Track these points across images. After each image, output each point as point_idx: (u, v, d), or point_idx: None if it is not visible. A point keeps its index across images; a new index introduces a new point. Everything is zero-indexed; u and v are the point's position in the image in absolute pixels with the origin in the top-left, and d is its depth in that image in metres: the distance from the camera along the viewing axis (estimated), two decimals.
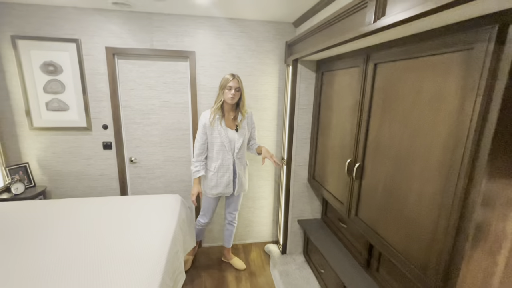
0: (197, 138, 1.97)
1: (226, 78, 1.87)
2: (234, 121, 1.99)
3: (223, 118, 1.95)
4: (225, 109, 1.96)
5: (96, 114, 2.24)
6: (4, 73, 2.04)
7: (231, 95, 1.86)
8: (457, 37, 0.88)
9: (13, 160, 2.19)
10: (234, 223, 2.30)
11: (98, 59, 2.13)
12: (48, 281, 1.12)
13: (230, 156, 1.98)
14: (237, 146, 1.97)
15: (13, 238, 1.43)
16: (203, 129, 1.94)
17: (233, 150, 1.98)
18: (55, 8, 1.99)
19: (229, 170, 2.00)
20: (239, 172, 2.03)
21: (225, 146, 1.95)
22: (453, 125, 0.90)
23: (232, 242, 2.37)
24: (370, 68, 1.35)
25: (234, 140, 1.97)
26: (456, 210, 0.90)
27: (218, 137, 1.93)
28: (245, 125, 2.01)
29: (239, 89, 1.89)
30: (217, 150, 1.96)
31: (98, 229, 1.55)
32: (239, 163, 2.03)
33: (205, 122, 1.93)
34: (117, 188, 2.39)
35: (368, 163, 1.42)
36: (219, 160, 1.97)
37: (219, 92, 1.92)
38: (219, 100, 1.91)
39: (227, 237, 2.33)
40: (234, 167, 2.02)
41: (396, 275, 1.43)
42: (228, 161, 1.98)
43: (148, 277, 1.15)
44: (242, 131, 1.98)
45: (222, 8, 1.96)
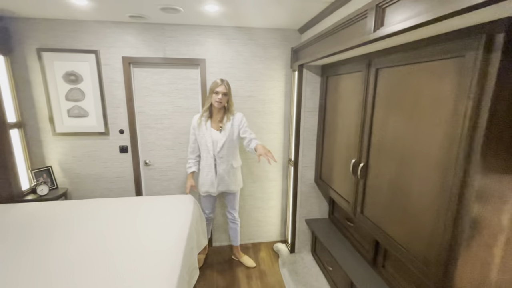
0: (190, 138, 2.18)
1: (215, 83, 2.02)
2: (220, 123, 2.12)
3: (210, 119, 2.10)
4: (213, 111, 2.10)
5: (113, 119, 2.37)
6: (30, 83, 2.20)
7: (218, 99, 2.00)
8: (450, 45, 0.95)
9: (38, 163, 2.35)
10: (235, 221, 2.40)
11: (115, 68, 2.27)
12: (74, 273, 1.22)
13: (210, 156, 2.11)
14: (219, 145, 2.08)
15: (39, 235, 1.55)
16: (192, 130, 2.15)
17: (214, 150, 2.09)
18: (76, 22, 2.14)
19: (212, 170, 2.14)
20: (220, 171, 2.13)
21: (207, 146, 2.09)
22: (449, 126, 0.97)
23: (239, 240, 2.47)
24: (372, 73, 1.43)
25: (218, 140, 2.08)
26: (453, 205, 0.97)
27: (203, 138, 2.10)
28: (229, 126, 2.09)
29: (226, 94, 2.03)
30: (202, 150, 2.15)
31: (117, 226, 1.66)
32: (221, 162, 2.12)
33: (193, 124, 2.13)
34: (132, 189, 2.52)
35: (372, 163, 1.49)
36: (204, 160, 2.15)
37: (208, 95, 2.07)
38: (208, 103, 2.07)
39: (233, 236, 2.44)
40: (216, 167, 2.13)
41: (401, 271, 1.49)
42: (210, 161, 2.12)
43: (168, 270, 1.25)
44: (224, 132, 2.08)
45: (230, 17, 2.07)
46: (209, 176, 2.15)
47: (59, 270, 1.24)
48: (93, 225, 1.67)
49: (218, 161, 2.12)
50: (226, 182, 2.18)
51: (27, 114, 2.25)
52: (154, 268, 1.26)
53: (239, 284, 2.20)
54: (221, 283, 2.21)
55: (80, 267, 1.26)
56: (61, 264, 1.29)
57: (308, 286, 2.11)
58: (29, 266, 1.27)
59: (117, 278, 1.19)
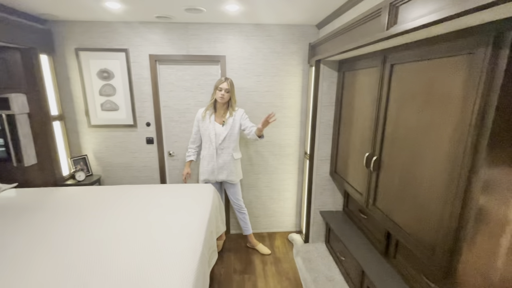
0: (192, 131, 2.38)
1: (220, 80, 2.21)
2: (223, 117, 2.29)
3: (214, 113, 2.29)
4: (217, 106, 2.28)
5: (140, 113, 2.57)
6: (69, 80, 2.44)
7: (220, 95, 2.19)
8: (462, 43, 0.99)
9: (75, 152, 2.60)
10: (242, 210, 2.52)
11: (142, 66, 2.45)
12: (109, 247, 1.40)
13: (213, 147, 2.28)
14: (221, 138, 2.26)
15: (77, 215, 1.75)
16: (196, 122, 2.34)
17: (216, 142, 2.27)
18: (108, 23, 2.33)
19: (213, 159, 2.30)
20: (219, 162, 2.31)
21: (211, 138, 2.27)
22: (458, 120, 1.01)
23: (250, 229, 2.58)
24: (387, 68, 1.47)
25: (220, 134, 2.26)
26: (459, 195, 1.01)
27: (206, 130, 2.28)
28: (231, 121, 2.27)
29: (229, 91, 2.21)
30: (204, 141, 2.33)
31: (145, 210, 1.83)
32: (222, 153, 2.30)
33: (198, 116, 2.32)
34: (157, 178, 2.72)
35: (384, 156, 1.54)
36: (206, 150, 2.33)
37: (213, 91, 2.25)
38: (212, 98, 2.25)
39: (243, 225, 2.57)
40: (216, 157, 2.30)
41: (412, 261, 1.54)
42: (212, 151, 2.30)
43: (192, 247, 1.40)
44: (227, 126, 2.26)
45: (250, 15, 2.15)
46: (210, 166, 2.33)
47: (96, 244, 1.42)
48: (124, 208, 1.86)
49: (219, 152, 2.30)
50: (226, 172, 2.35)
51: (66, 107, 2.50)
52: (180, 244, 1.42)
53: (254, 268, 2.34)
54: (238, 267, 2.36)
55: (114, 242, 1.44)
56: (97, 238, 1.48)
57: (320, 273, 2.20)
58: (69, 239, 1.47)
59: (147, 251, 1.35)
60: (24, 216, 1.71)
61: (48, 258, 1.31)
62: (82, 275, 1.19)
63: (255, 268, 2.35)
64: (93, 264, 1.26)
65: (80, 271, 1.22)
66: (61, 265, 1.26)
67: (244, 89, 2.55)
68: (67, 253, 1.34)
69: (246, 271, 2.31)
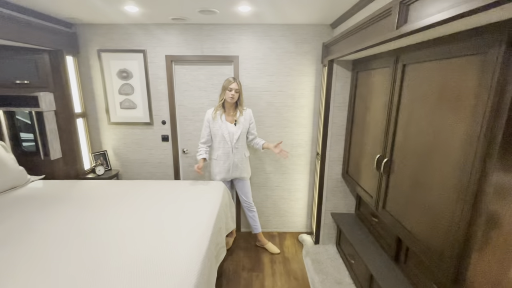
0: (202, 130, 2.37)
1: (229, 81, 2.22)
2: (233, 117, 2.31)
3: (224, 113, 2.30)
4: (226, 106, 2.30)
5: (156, 111, 2.67)
6: (92, 79, 2.59)
7: (231, 96, 2.20)
8: (473, 42, 0.95)
9: (96, 148, 2.76)
10: (251, 209, 2.53)
11: (159, 66, 2.55)
12: (123, 238, 1.48)
13: (229, 145, 2.30)
14: (235, 137, 2.29)
15: (96, 207, 1.86)
16: (206, 123, 2.33)
17: (231, 141, 2.28)
18: (128, 25, 2.44)
19: (229, 158, 2.33)
20: (235, 160, 2.34)
21: (225, 137, 2.29)
22: (470, 122, 0.97)
23: (259, 227, 2.58)
24: (399, 68, 1.43)
25: (233, 133, 2.28)
26: (470, 201, 0.97)
27: (219, 130, 2.29)
28: (242, 120, 2.31)
29: (238, 91, 2.23)
30: (218, 141, 2.32)
31: (158, 203, 1.91)
32: (237, 152, 2.33)
33: (208, 117, 2.31)
34: (172, 174, 2.82)
35: (395, 158, 1.50)
36: (220, 150, 2.33)
37: (221, 92, 2.26)
38: (221, 99, 2.26)
39: (252, 223, 2.57)
40: (232, 155, 2.32)
41: (423, 268, 1.49)
42: (228, 150, 2.32)
43: (198, 241, 1.45)
44: (239, 125, 2.30)
45: (263, 16, 2.17)
46: (226, 164, 2.35)
47: (112, 234, 1.51)
48: (138, 202, 1.95)
49: (235, 151, 2.32)
50: (240, 170, 2.39)
51: (89, 105, 2.65)
52: (187, 238, 1.47)
53: (263, 267, 2.36)
54: (247, 264, 2.39)
55: (127, 233, 1.52)
56: (113, 228, 1.57)
57: (329, 275, 2.18)
58: (88, 228, 1.56)
59: (157, 243, 1.42)
60: (49, 205, 1.85)
61: (69, 245, 1.41)
62: (98, 261, 1.27)
63: (263, 267, 2.37)
64: (108, 252, 1.35)
65: (96, 258, 1.30)
66: (80, 252, 1.35)
67: (257, 89, 2.57)
68: (84, 242, 1.44)
69: (255, 269, 2.33)
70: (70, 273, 1.20)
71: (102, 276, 1.19)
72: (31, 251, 1.35)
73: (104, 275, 1.19)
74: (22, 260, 1.28)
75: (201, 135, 2.39)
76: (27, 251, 1.35)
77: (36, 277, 1.17)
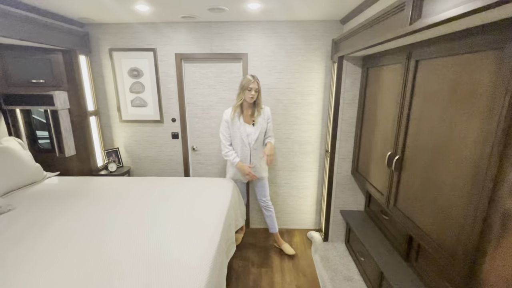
0: (222, 132, 2.25)
1: (248, 80, 2.10)
2: (251, 117, 2.23)
3: (242, 114, 2.21)
4: (244, 106, 2.21)
5: (166, 109, 2.70)
6: (104, 78, 2.64)
7: (251, 96, 2.10)
8: (490, 37, 0.92)
9: (108, 145, 2.82)
10: (269, 208, 2.48)
11: (169, 64, 2.57)
12: (134, 235, 1.51)
13: (247, 148, 2.23)
14: (253, 138, 2.21)
15: (109, 203, 1.91)
16: (226, 123, 2.22)
17: (249, 142, 2.22)
18: (138, 24, 2.47)
19: (247, 160, 2.27)
20: (253, 161, 2.28)
21: (243, 139, 2.21)
22: (484, 120, 0.96)
23: (276, 227, 2.53)
24: (412, 65, 1.41)
25: (251, 134, 2.21)
26: (484, 199, 0.96)
27: (237, 131, 2.20)
28: (260, 120, 2.23)
29: (258, 90, 2.12)
30: (236, 143, 2.24)
31: (169, 199, 1.95)
32: (255, 153, 2.27)
33: (226, 118, 2.21)
34: (182, 171, 2.86)
35: (407, 156, 1.48)
36: (239, 151, 2.25)
37: (239, 92, 2.15)
38: (240, 99, 2.15)
39: (269, 223, 2.53)
40: (250, 157, 2.26)
41: (434, 266, 1.48)
42: (246, 152, 2.25)
43: (210, 237, 1.47)
44: (257, 126, 2.22)
45: (272, 12, 2.16)
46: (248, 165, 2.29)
47: (124, 229, 1.55)
48: (150, 198, 1.99)
49: (253, 152, 2.26)
50: (259, 170, 2.33)
51: (101, 104, 2.71)
52: (199, 233, 1.50)
53: (272, 263, 2.38)
54: (256, 260, 2.41)
55: (140, 228, 1.56)
56: (126, 224, 1.61)
57: (338, 273, 2.19)
58: (101, 223, 1.61)
59: (169, 239, 1.45)
60: (66, 201, 1.91)
61: (83, 240, 1.45)
62: (113, 255, 1.32)
63: (272, 263, 2.39)
64: (122, 246, 1.39)
65: (109, 253, 1.34)
66: (96, 245, 1.40)
67: (265, 86, 2.57)
68: (99, 236, 1.48)
69: (264, 265, 2.35)
70: (86, 266, 1.24)
71: (117, 268, 1.23)
72: (50, 245, 1.40)
73: (119, 267, 1.23)
74: (41, 253, 1.33)
75: (223, 137, 2.25)
76: (46, 245, 1.40)
77: (55, 269, 1.22)
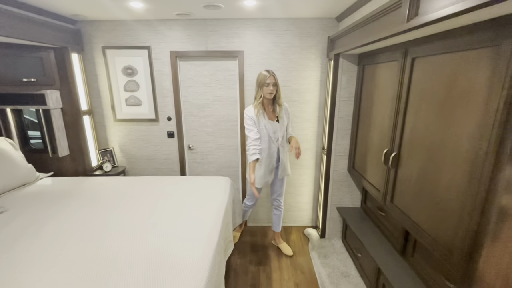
0: (249, 128, 2.11)
1: (264, 75, 2.01)
2: (273, 113, 2.16)
3: (265, 112, 2.13)
4: (264, 103, 2.12)
5: (162, 108, 2.67)
6: (97, 76, 2.59)
7: (269, 91, 2.02)
8: (486, 34, 0.94)
9: (103, 145, 2.78)
10: (281, 208, 2.45)
11: (163, 62, 2.54)
12: (131, 235, 1.49)
13: (275, 145, 2.16)
14: (280, 135, 2.14)
15: (104, 203, 1.88)
16: (251, 120, 2.10)
17: (277, 139, 2.15)
18: (132, 21, 2.43)
19: (274, 158, 2.20)
20: (282, 158, 2.21)
21: (271, 137, 2.13)
22: (481, 117, 0.97)
23: (280, 227, 2.51)
24: (408, 62, 1.42)
25: (277, 130, 2.14)
26: (481, 194, 0.98)
27: (264, 130, 2.11)
28: (283, 115, 2.17)
29: (275, 84, 2.04)
30: (264, 141, 2.13)
31: (166, 199, 1.93)
32: (282, 150, 2.20)
33: (252, 115, 2.10)
34: (178, 170, 2.84)
35: (404, 153, 1.50)
36: (266, 150, 2.15)
37: (257, 89, 2.07)
38: (259, 96, 2.06)
39: (275, 222, 2.50)
40: (278, 154, 2.21)
41: (430, 260, 1.50)
42: (274, 150, 2.17)
43: (208, 236, 1.47)
44: (282, 121, 2.15)
45: (268, 9, 2.15)
46: (271, 165, 2.19)
47: (121, 229, 1.53)
48: (146, 198, 1.96)
49: (280, 149, 2.18)
50: (285, 167, 2.25)
51: (94, 103, 2.66)
52: (198, 233, 1.49)
53: (270, 260, 2.39)
54: (254, 258, 2.42)
55: (137, 229, 1.54)
56: (122, 224, 1.59)
57: (335, 269, 2.20)
58: (97, 224, 1.59)
59: (167, 239, 1.44)
60: (59, 202, 1.87)
61: (79, 241, 1.43)
62: (111, 255, 1.30)
63: (270, 260, 2.40)
64: (120, 246, 1.37)
65: (107, 253, 1.32)
66: (93, 246, 1.37)
67: None
68: (96, 237, 1.46)
69: (262, 263, 2.36)
70: (84, 266, 1.23)
71: (116, 268, 1.21)
72: (46, 246, 1.38)
73: (117, 267, 1.22)
74: (38, 254, 1.31)
75: (249, 132, 2.11)
76: (42, 246, 1.38)
77: (53, 270, 1.20)
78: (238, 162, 2.83)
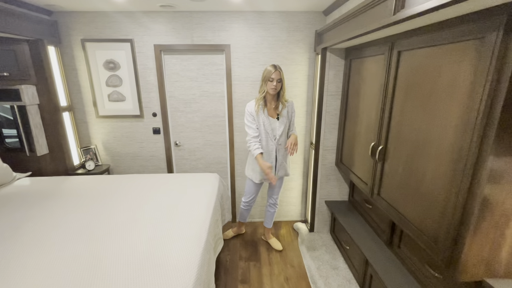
0: (248, 124, 2.09)
1: (269, 70, 1.96)
2: (275, 110, 2.09)
3: (266, 107, 2.07)
4: (267, 99, 2.06)
5: (146, 103, 2.59)
6: (77, 71, 2.47)
7: (273, 86, 1.96)
8: (471, 27, 0.94)
9: (85, 143, 2.67)
10: (276, 206, 2.43)
11: (147, 56, 2.45)
12: (117, 236, 1.44)
13: (272, 143, 2.11)
14: (278, 133, 2.09)
15: (88, 203, 1.80)
16: (251, 116, 2.07)
17: (274, 137, 2.10)
18: (113, 13, 2.32)
19: (272, 156, 2.14)
20: (279, 158, 2.16)
21: (268, 133, 2.08)
22: (465, 109, 0.98)
23: (271, 224, 2.50)
24: (394, 55, 1.43)
25: (276, 128, 2.09)
26: (464, 186, 1.00)
27: (262, 126, 2.07)
28: (285, 113, 2.11)
29: (281, 80, 1.99)
30: (261, 137, 2.10)
31: (152, 198, 1.87)
32: (280, 149, 2.15)
33: (251, 111, 2.06)
34: (165, 167, 2.77)
35: (390, 146, 1.52)
36: (264, 147, 2.11)
37: (261, 84, 2.02)
38: (262, 91, 2.01)
39: (268, 218, 2.49)
40: (276, 153, 2.15)
41: (416, 251, 1.54)
42: (271, 147, 2.12)
43: (197, 234, 1.44)
44: (282, 120, 2.09)
45: (255, 2, 2.10)
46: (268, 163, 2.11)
47: (106, 229, 1.48)
48: (132, 196, 1.91)
49: (278, 148, 2.13)
50: (284, 167, 2.23)
51: (75, 98, 2.54)
52: (186, 231, 1.45)
53: (260, 256, 2.39)
54: (244, 254, 2.41)
55: (123, 229, 1.49)
56: (109, 224, 1.53)
57: (324, 262, 2.23)
58: (80, 225, 1.52)
59: (155, 238, 1.40)
60: (38, 203, 1.78)
61: (61, 243, 1.37)
62: (93, 259, 1.24)
63: (260, 256, 2.40)
64: (105, 247, 1.32)
65: (91, 255, 1.27)
66: (76, 248, 1.32)
67: (249, 79, 2.53)
68: (78, 239, 1.40)
69: (252, 258, 2.36)
70: (66, 270, 1.17)
71: (100, 271, 1.16)
72: (23, 250, 1.31)
73: (102, 270, 1.17)
74: (13, 260, 1.24)
75: (248, 129, 2.09)
76: (18, 250, 1.31)
77: (29, 276, 1.14)
78: (227, 158, 2.80)
